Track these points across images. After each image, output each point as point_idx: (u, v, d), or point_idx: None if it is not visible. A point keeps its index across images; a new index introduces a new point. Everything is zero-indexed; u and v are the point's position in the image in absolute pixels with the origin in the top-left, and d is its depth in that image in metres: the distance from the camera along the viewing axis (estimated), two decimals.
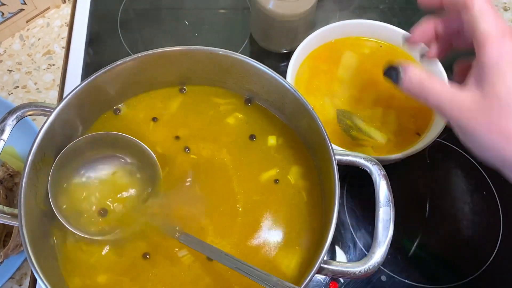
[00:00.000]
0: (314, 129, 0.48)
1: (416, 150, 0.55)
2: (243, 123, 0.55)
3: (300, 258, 0.48)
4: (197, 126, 0.54)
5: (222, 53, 0.49)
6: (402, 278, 0.56)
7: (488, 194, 0.62)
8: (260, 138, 0.54)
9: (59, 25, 0.73)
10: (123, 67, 0.50)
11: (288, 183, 0.51)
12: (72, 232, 0.46)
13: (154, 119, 0.54)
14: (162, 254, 0.48)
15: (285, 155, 0.53)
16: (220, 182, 0.51)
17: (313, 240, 0.48)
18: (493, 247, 0.59)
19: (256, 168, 0.52)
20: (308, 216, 0.49)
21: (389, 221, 0.44)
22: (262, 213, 0.50)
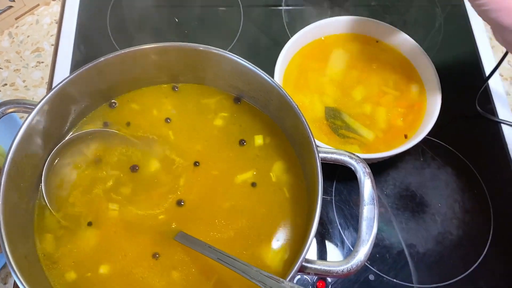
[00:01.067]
0: (299, 126, 0.48)
1: (403, 150, 0.54)
2: (231, 124, 0.54)
3: (285, 254, 0.47)
4: (187, 125, 0.54)
5: (202, 49, 0.49)
6: (390, 277, 0.56)
7: (479, 192, 0.61)
8: (248, 138, 0.53)
9: (48, 22, 0.73)
10: (107, 63, 0.49)
11: (269, 182, 0.51)
12: (54, 230, 0.46)
13: (146, 114, 0.54)
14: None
15: (268, 152, 0.52)
16: (203, 180, 0.51)
17: (297, 236, 0.48)
18: (483, 245, 0.58)
19: (239, 168, 0.52)
20: (290, 212, 0.49)
21: (373, 219, 0.44)
22: (242, 213, 0.49)
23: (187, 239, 0.47)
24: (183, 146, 0.53)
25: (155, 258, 0.47)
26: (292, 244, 0.48)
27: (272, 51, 0.67)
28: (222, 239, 0.48)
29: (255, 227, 0.49)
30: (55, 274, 0.45)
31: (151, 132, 0.53)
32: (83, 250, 0.47)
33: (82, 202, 0.49)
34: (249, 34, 0.73)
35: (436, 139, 0.64)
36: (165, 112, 0.55)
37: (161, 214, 0.49)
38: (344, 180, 0.61)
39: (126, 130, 0.53)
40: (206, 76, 0.54)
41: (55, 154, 0.50)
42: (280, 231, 0.48)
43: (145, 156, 0.52)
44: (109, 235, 0.48)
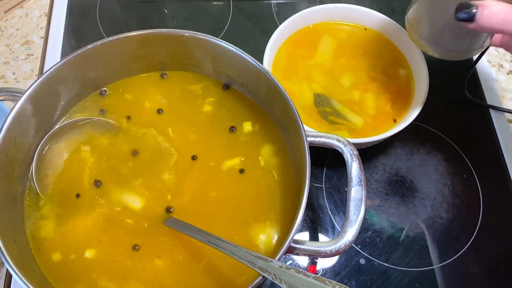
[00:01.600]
0: (287, 111, 0.48)
1: (391, 134, 0.55)
2: (220, 110, 0.55)
3: (276, 235, 0.48)
4: (176, 111, 0.54)
5: (187, 35, 0.49)
6: (381, 261, 0.56)
7: (468, 176, 0.62)
8: (237, 124, 0.54)
9: (38, 15, 0.73)
10: (95, 51, 0.50)
11: (257, 166, 0.51)
12: (43, 215, 0.47)
13: (136, 102, 0.55)
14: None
15: (257, 138, 0.53)
16: (193, 168, 0.51)
17: (287, 218, 0.48)
18: (473, 228, 0.59)
19: (227, 155, 0.52)
20: (279, 194, 0.50)
21: (360, 200, 0.44)
22: (230, 200, 0.50)
23: (177, 224, 0.48)
24: (176, 135, 0.53)
25: (135, 250, 0.47)
26: (283, 225, 0.48)
27: (261, 41, 0.67)
28: (213, 225, 0.48)
29: (244, 211, 0.49)
30: (42, 257, 0.46)
31: (142, 121, 0.54)
32: (71, 234, 0.47)
33: (72, 188, 0.49)
34: (239, 25, 0.73)
35: (425, 124, 0.65)
36: (155, 101, 0.55)
37: (151, 201, 0.50)
38: (334, 167, 0.62)
39: (119, 118, 0.53)
40: (194, 63, 0.54)
41: (45, 142, 0.51)
42: (270, 213, 0.49)
43: (135, 144, 0.52)
44: (97, 221, 0.48)
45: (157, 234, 0.48)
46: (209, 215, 0.49)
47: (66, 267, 0.46)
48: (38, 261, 0.45)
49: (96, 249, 0.47)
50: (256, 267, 0.39)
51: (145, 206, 0.49)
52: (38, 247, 0.46)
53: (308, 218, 0.59)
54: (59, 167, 0.51)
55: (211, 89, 0.56)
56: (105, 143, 0.53)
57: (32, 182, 0.49)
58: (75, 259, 0.46)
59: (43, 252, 0.46)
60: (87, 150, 0.52)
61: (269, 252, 0.47)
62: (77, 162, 0.51)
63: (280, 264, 0.39)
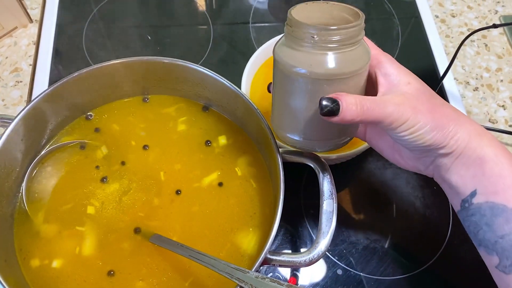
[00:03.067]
0: (262, 130, 0.51)
1: (363, 150, 0.58)
2: (199, 130, 0.58)
3: (259, 239, 0.51)
4: (156, 134, 0.57)
5: (167, 61, 0.53)
6: (357, 271, 0.59)
7: (438, 188, 0.65)
8: (214, 141, 0.57)
9: (26, 43, 0.76)
10: (81, 78, 0.53)
11: (235, 176, 0.55)
12: (33, 235, 0.49)
13: (119, 125, 0.58)
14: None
15: (232, 151, 0.56)
16: (169, 186, 0.54)
17: (267, 226, 0.51)
18: (443, 237, 0.62)
19: (205, 170, 0.55)
20: (259, 202, 0.53)
21: (332, 212, 0.47)
22: (215, 209, 0.53)
23: (162, 240, 0.50)
24: (159, 161, 0.55)
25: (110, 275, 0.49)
26: (265, 232, 0.51)
27: (240, 64, 0.71)
28: (201, 239, 0.51)
29: (229, 220, 0.52)
30: (32, 275, 0.48)
31: (125, 146, 0.56)
32: (60, 255, 0.49)
33: (60, 210, 0.52)
34: (219, 49, 0.77)
35: None
36: (135, 126, 0.58)
37: (135, 221, 0.52)
38: (312, 182, 0.65)
39: (100, 142, 0.56)
40: (175, 87, 0.58)
41: (34, 165, 0.53)
42: (252, 220, 0.52)
43: (116, 171, 0.55)
44: (85, 239, 0.50)
45: (141, 254, 0.50)
46: (196, 230, 0.52)
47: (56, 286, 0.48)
48: (27, 280, 0.47)
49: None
50: (234, 278, 0.42)
51: (130, 226, 0.52)
52: (27, 265, 0.48)
53: (288, 232, 0.62)
54: (48, 189, 0.53)
55: (189, 109, 0.59)
56: (92, 165, 0.55)
57: (22, 204, 0.52)
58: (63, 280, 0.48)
59: (32, 271, 0.48)
60: (75, 173, 0.54)
61: (255, 257, 0.49)
62: (66, 184, 0.54)
63: (256, 275, 0.41)
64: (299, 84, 0.42)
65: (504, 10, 0.85)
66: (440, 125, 0.42)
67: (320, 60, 0.41)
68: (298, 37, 0.41)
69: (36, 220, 0.51)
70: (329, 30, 0.40)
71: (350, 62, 0.41)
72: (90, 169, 0.54)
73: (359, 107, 0.41)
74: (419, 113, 0.41)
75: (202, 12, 0.81)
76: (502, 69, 0.78)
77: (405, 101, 0.42)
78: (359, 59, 0.42)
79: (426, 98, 0.43)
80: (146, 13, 0.81)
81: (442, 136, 0.42)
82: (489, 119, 0.73)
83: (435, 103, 0.43)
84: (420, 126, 0.41)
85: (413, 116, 0.41)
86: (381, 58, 0.45)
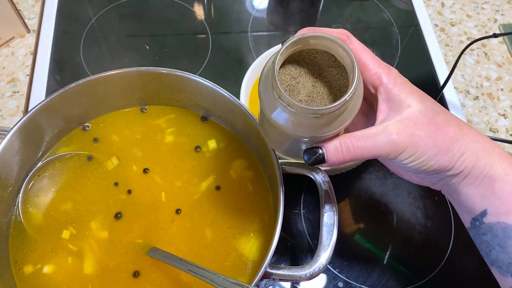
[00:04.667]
0: (261, 140, 0.51)
1: (360, 162, 0.58)
2: (187, 137, 0.58)
3: (260, 244, 0.51)
4: (151, 151, 0.57)
5: (165, 72, 0.52)
6: (359, 283, 0.58)
7: (440, 199, 0.65)
8: (203, 146, 0.57)
9: (23, 53, 0.75)
10: (78, 89, 0.52)
11: (231, 179, 0.54)
12: (28, 250, 0.48)
13: (117, 137, 0.57)
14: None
15: (226, 156, 0.56)
16: (170, 205, 0.53)
17: (268, 234, 0.51)
18: (445, 249, 0.61)
19: (200, 175, 0.55)
20: (257, 206, 0.53)
21: (332, 225, 0.46)
22: (215, 215, 0.53)
23: (159, 254, 0.49)
24: (161, 183, 0.54)
25: (135, 277, 0.49)
26: (267, 237, 0.51)
27: (239, 74, 0.71)
28: (205, 248, 0.51)
29: (230, 226, 0.52)
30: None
31: (122, 156, 0.56)
32: (54, 272, 0.48)
33: (57, 222, 0.51)
34: (218, 58, 0.76)
35: None
36: (133, 136, 0.57)
37: (136, 236, 0.51)
38: (312, 193, 0.64)
39: (98, 153, 0.56)
40: (173, 97, 0.57)
41: (31, 177, 0.53)
42: (252, 224, 0.52)
43: (117, 179, 0.54)
44: (86, 253, 0.50)
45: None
46: (200, 242, 0.51)
47: None
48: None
49: None
50: None
51: (131, 241, 0.51)
52: (22, 279, 0.47)
53: (288, 243, 0.61)
54: (45, 200, 0.52)
55: (191, 120, 0.59)
56: (87, 176, 0.54)
57: (18, 216, 0.51)
58: None
59: (26, 284, 0.47)
60: (70, 184, 0.54)
61: (258, 264, 0.49)
62: (63, 196, 0.53)
63: None
64: (282, 131, 0.39)
65: (504, 19, 0.85)
66: (443, 149, 0.39)
67: (303, 124, 0.37)
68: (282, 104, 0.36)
69: (32, 233, 0.50)
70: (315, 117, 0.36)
71: (336, 123, 0.38)
72: (93, 185, 0.54)
73: (345, 150, 0.39)
74: (419, 139, 0.39)
75: (201, 21, 0.81)
76: (502, 77, 0.78)
77: (402, 130, 0.39)
78: (346, 117, 0.38)
79: (427, 120, 0.40)
80: (144, 23, 0.80)
81: (446, 159, 0.40)
82: (489, 128, 0.73)
83: (438, 124, 0.40)
84: (420, 154, 0.39)
85: (411, 144, 0.39)
86: (382, 79, 0.41)
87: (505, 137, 0.72)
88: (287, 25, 0.82)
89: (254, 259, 0.50)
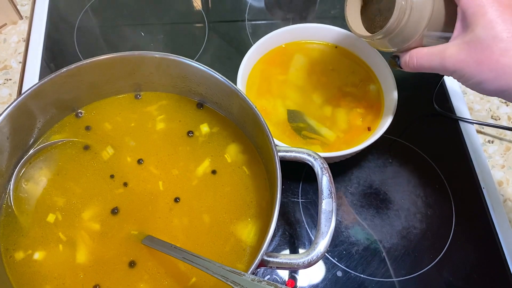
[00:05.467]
0: (259, 127, 0.49)
1: (362, 147, 0.56)
2: (178, 123, 0.56)
3: (258, 229, 0.50)
4: (146, 134, 0.55)
5: (158, 56, 0.51)
6: (358, 272, 0.57)
7: (440, 187, 0.64)
8: (196, 131, 0.56)
9: (16, 40, 0.74)
10: (70, 74, 0.51)
11: (226, 164, 0.54)
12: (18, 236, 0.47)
13: (109, 125, 0.55)
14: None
15: (219, 139, 0.55)
16: (168, 194, 0.52)
17: (266, 217, 0.50)
18: (446, 237, 0.60)
19: (196, 160, 0.54)
20: (253, 189, 0.52)
21: (331, 212, 0.45)
22: (213, 200, 0.52)
23: (154, 242, 0.48)
24: (157, 172, 0.53)
25: (131, 267, 0.48)
26: (264, 222, 0.50)
27: (236, 60, 0.69)
28: (203, 234, 0.50)
29: (227, 211, 0.51)
30: (16, 275, 0.46)
31: (112, 141, 0.55)
32: (45, 261, 0.47)
33: (49, 209, 0.50)
34: (215, 45, 0.75)
35: (397, 138, 0.67)
36: (125, 123, 0.56)
37: (132, 228, 0.50)
38: (310, 181, 0.63)
39: (89, 140, 0.54)
40: (168, 83, 0.55)
41: (22, 164, 0.51)
42: (249, 209, 0.51)
43: (111, 168, 0.53)
44: (78, 243, 0.49)
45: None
46: (199, 229, 0.50)
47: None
48: (11, 279, 0.46)
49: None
50: (229, 281, 0.40)
51: (127, 232, 0.50)
52: (13, 267, 0.46)
53: (286, 232, 0.60)
54: (37, 188, 0.51)
55: (186, 107, 0.57)
56: (81, 164, 0.53)
57: (9, 203, 0.50)
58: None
59: (17, 272, 0.47)
60: (63, 172, 0.52)
61: (256, 249, 0.48)
62: (55, 183, 0.52)
63: (253, 278, 0.39)
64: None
65: None
66: (491, 77, 0.43)
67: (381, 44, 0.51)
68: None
69: (23, 220, 0.49)
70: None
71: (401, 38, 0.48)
72: (87, 173, 0.53)
73: (410, 63, 0.49)
74: (466, 66, 0.44)
75: (198, 11, 0.79)
76: None
77: (455, 54, 0.45)
78: (411, 32, 0.48)
79: (482, 48, 0.43)
80: (139, 10, 0.79)
81: (498, 85, 0.43)
82: (491, 116, 0.71)
83: (493, 54, 0.43)
84: (467, 78, 0.45)
85: (458, 69, 0.45)
86: None
87: (507, 124, 0.70)
88: (285, 12, 0.81)
89: (252, 245, 0.49)
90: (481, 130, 0.70)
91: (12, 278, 0.46)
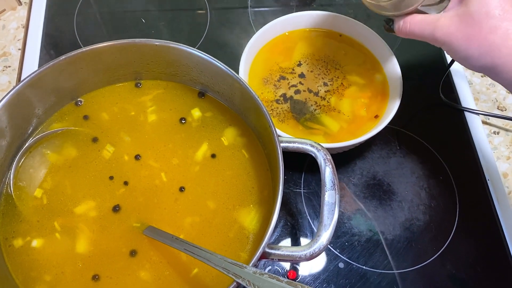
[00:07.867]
0: (261, 117, 0.48)
1: (366, 138, 0.55)
2: (169, 111, 0.55)
3: (261, 217, 0.50)
4: (139, 127, 0.55)
5: (158, 44, 0.50)
6: (360, 264, 0.57)
7: (444, 178, 0.63)
8: (188, 116, 0.55)
9: (15, 27, 0.73)
10: (69, 62, 0.50)
11: (224, 147, 0.53)
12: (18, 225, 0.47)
13: (107, 114, 0.55)
14: None
15: (214, 123, 0.55)
16: (172, 184, 0.52)
17: (268, 205, 0.50)
18: (450, 229, 0.59)
19: (194, 147, 0.54)
20: (254, 174, 0.52)
21: (334, 204, 0.44)
22: (215, 185, 0.52)
23: (155, 233, 0.48)
24: (156, 165, 0.53)
25: (132, 256, 0.48)
26: (264, 212, 0.50)
27: (238, 48, 0.68)
28: (207, 225, 0.50)
29: (230, 197, 0.51)
30: (15, 264, 0.46)
31: (113, 131, 0.54)
32: (45, 251, 0.47)
33: (49, 198, 0.49)
34: (216, 32, 0.74)
35: (401, 128, 0.66)
36: (121, 113, 0.55)
37: (132, 214, 0.50)
38: (312, 172, 0.62)
39: (90, 129, 0.53)
40: (169, 72, 0.55)
41: (22, 153, 0.51)
42: (251, 195, 0.51)
43: (107, 155, 0.53)
44: (76, 233, 0.48)
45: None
46: (202, 214, 0.50)
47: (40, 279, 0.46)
48: (11, 269, 0.46)
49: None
50: (230, 273, 0.40)
51: (129, 225, 0.49)
52: (12, 257, 0.46)
53: (288, 223, 0.59)
54: (37, 177, 0.51)
55: (188, 96, 0.56)
56: (81, 154, 0.53)
57: (9, 191, 0.49)
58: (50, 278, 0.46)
59: (16, 261, 0.46)
60: (62, 161, 0.52)
61: (259, 236, 0.48)
62: (55, 172, 0.51)
63: (254, 270, 0.39)
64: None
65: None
66: (476, 54, 0.44)
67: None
68: None
69: (23, 209, 0.48)
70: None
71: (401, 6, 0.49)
72: (88, 163, 0.52)
73: (403, 28, 0.50)
74: (455, 40, 0.45)
75: None
76: None
77: (445, 27, 0.45)
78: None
79: (472, 23, 0.44)
80: None
81: (483, 62, 0.44)
82: (497, 106, 0.70)
83: (481, 30, 0.43)
84: (454, 52, 0.45)
85: (446, 42, 0.46)
86: None
87: None
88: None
89: (255, 232, 0.49)
90: (486, 121, 0.69)
91: (12, 268, 0.46)
